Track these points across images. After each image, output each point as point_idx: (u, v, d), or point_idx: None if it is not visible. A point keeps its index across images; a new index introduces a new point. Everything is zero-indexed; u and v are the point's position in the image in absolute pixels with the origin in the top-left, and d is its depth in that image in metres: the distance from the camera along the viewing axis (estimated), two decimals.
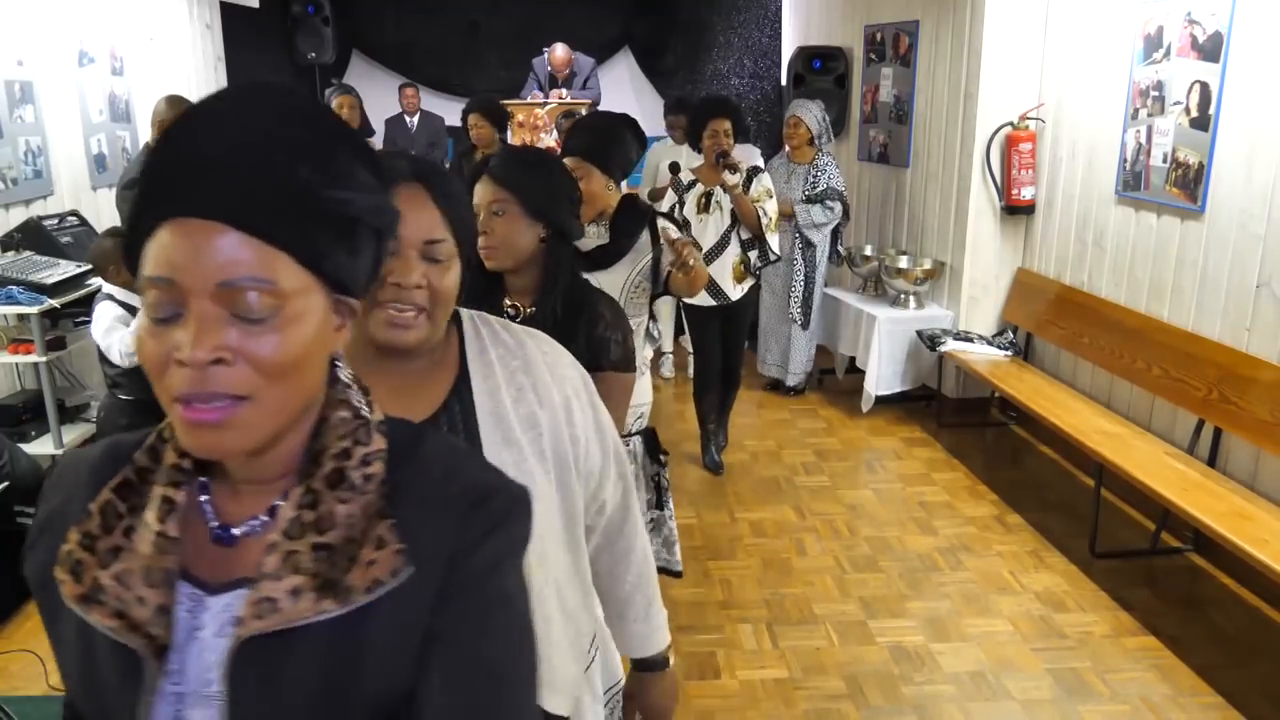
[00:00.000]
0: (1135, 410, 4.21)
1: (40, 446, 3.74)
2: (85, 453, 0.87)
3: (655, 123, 8.28)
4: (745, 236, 4.42)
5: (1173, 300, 3.99)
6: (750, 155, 8.07)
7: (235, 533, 0.80)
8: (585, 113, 5.29)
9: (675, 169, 5.53)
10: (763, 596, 3.49)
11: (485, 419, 1.23)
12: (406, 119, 7.82)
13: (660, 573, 2.23)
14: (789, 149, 5.36)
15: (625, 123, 2.66)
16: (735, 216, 4.38)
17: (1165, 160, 3.95)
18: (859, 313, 5.43)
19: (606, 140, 2.56)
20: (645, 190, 5.57)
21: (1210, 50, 3.68)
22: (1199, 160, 3.76)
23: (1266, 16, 3.43)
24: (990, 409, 5.28)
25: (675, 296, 2.79)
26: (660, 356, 6.10)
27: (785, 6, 7.67)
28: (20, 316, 3.69)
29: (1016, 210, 4.97)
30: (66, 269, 3.80)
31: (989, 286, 5.16)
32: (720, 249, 4.40)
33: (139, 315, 0.80)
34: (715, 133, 4.31)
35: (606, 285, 2.43)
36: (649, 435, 2.57)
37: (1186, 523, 3.37)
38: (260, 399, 0.73)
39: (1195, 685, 2.96)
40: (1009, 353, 4.93)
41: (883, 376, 5.22)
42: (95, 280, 3.44)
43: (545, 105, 7.09)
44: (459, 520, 0.81)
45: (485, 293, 1.85)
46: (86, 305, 3.59)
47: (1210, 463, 3.66)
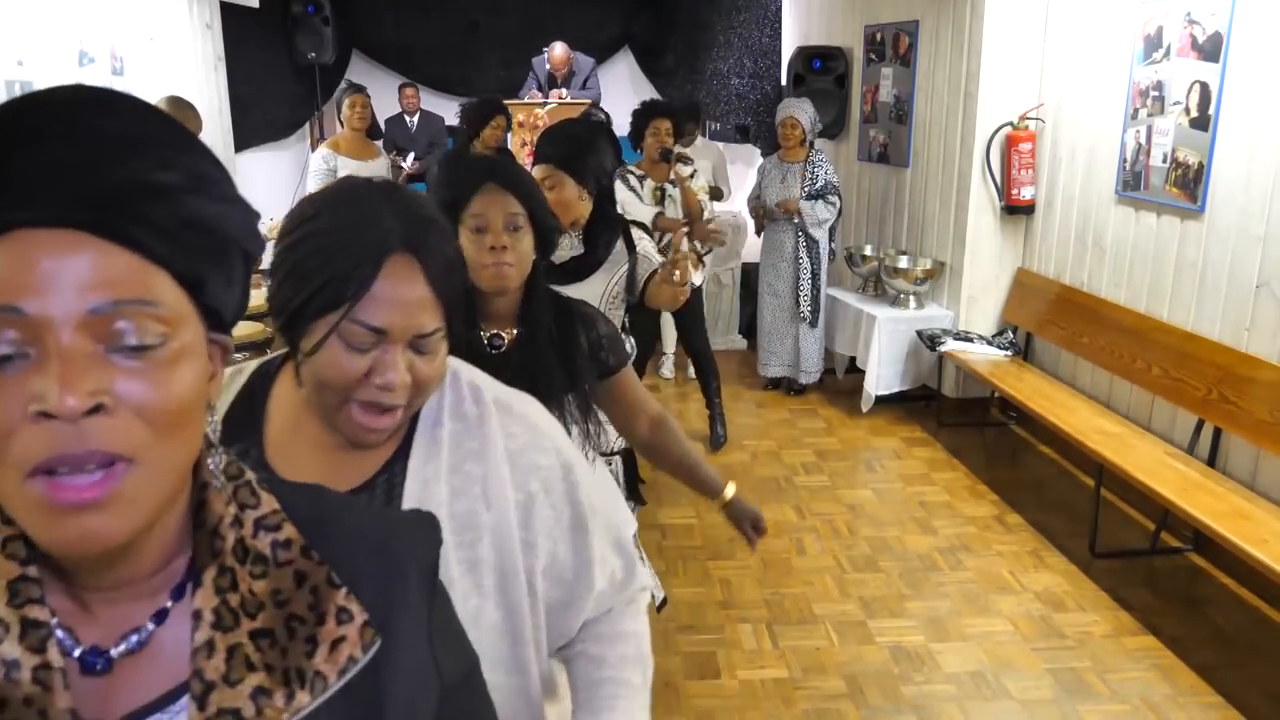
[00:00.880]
0: (1135, 410, 4.21)
1: None
2: None
3: None
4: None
5: (1172, 300, 3.99)
6: (749, 156, 8.08)
7: (113, 655, 0.62)
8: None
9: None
10: (762, 596, 3.49)
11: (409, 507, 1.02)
12: (406, 119, 7.82)
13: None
14: (783, 149, 5.37)
15: (600, 130, 2.55)
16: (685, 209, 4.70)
17: (1165, 160, 3.95)
18: (859, 312, 5.43)
19: (582, 148, 2.44)
20: None
21: (1210, 50, 3.68)
22: (1199, 160, 3.76)
23: (1266, 16, 3.43)
24: (990, 409, 5.28)
25: (654, 308, 2.66)
26: (661, 357, 6.10)
27: (785, 6, 7.67)
28: None
29: (1016, 210, 4.97)
30: None
31: (989, 286, 5.16)
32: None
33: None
34: (657, 130, 4.66)
35: (583, 296, 2.38)
36: (628, 457, 2.46)
37: (1186, 523, 3.37)
38: (145, 461, 0.57)
39: (1195, 685, 2.96)
40: (1009, 353, 4.93)
41: (883, 376, 5.22)
42: None
43: (545, 105, 7.09)
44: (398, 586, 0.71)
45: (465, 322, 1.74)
46: None
47: (1210, 463, 3.66)
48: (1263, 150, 3.46)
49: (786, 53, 7.35)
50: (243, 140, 7.13)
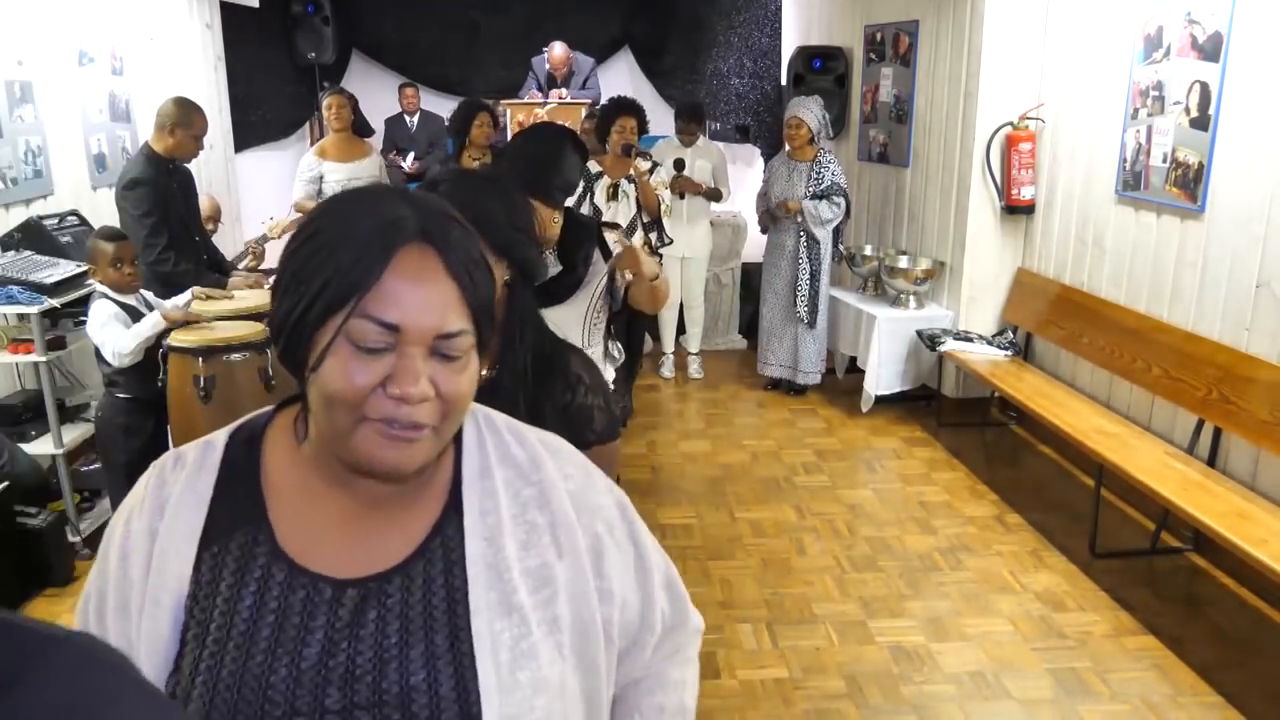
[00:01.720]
0: (1135, 410, 4.21)
1: (40, 446, 3.74)
2: None
3: (655, 122, 8.26)
4: (646, 220, 4.92)
5: (1172, 300, 3.99)
6: (749, 156, 8.09)
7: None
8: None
9: (679, 165, 5.54)
10: (763, 596, 3.49)
11: (478, 573, 0.88)
12: (406, 119, 7.82)
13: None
14: (790, 148, 5.36)
15: (563, 137, 2.37)
16: (639, 204, 4.87)
17: (1165, 160, 3.95)
18: (859, 312, 5.43)
19: (546, 167, 2.26)
20: None
21: (1210, 50, 3.68)
22: (1199, 160, 3.76)
23: (1266, 16, 3.43)
24: (990, 409, 5.28)
25: (637, 311, 2.60)
26: (661, 357, 6.11)
27: (785, 6, 7.67)
28: (20, 316, 3.68)
29: (1016, 210, 4.97)
30: (66, 269, 3.79)
31: (989, 286, 5.16)
32: (629, 233, 4.81)
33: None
34: (623, 129, 4.84)
35: (568, 319, 2.28)
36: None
37: (1186, 523, 3.37)
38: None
39: (1195, 685, 2.96)
40: (1009, 353, 4.93)
41: (883, 376, 5.22)
42: (93, 280, 3.44)
43: (545, 105, 7.09)
44: None
45: None
46: (86, 305, 3.59)
47: (1210, 463, 3.66)
48: (1263, 150, 3.46)
49: (786, 53, 7.35)
50: (243, 140, 7.13)
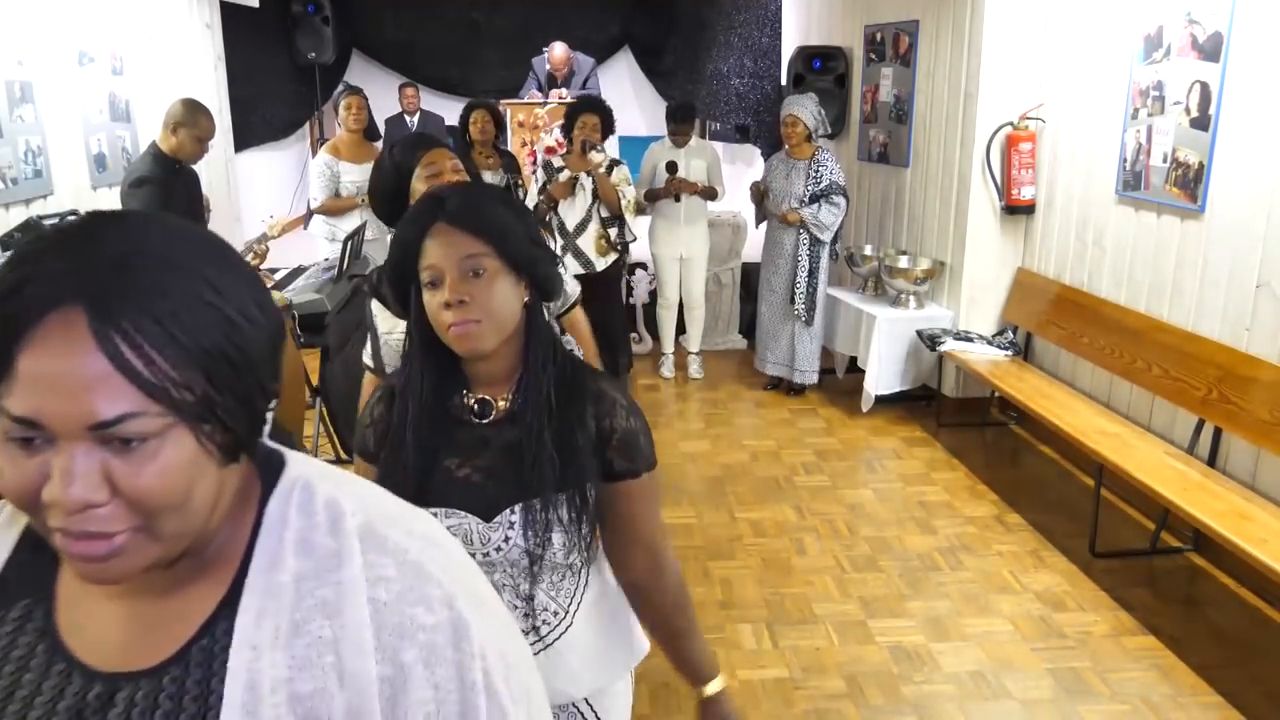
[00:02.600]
0: (1135, 410, 4.21)
1: None
2: None
3: (655, 122, 8.30)
4: (605, 215, 5.06)
5: (1173, 300, 3.99)
6: (749, 156, 8.09)
7: None
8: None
9: (672, 168, 5.54)
10: (763, 596, 3.49)
11: (235, 694, 0.71)
12: (406, 119, 7.83)
13: None
14: (788, 147, 5.36)
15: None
16: (596, 196, 5.01)
17: (1165, 160, 3.95)
18: (859, 312, 5.43)
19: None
20: (642, 190, 5.58)
21: (1210, 50, 3.68)
22: (1199, 160, 3.76)
23: (1266, 16, 3.43)
24: (990, 409, 5.29)
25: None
26: (661, 357, 6.11)
27: (785, 6, 7.67)
28: None
29: (1016, 210, 4.97)
30: None
31: (989, 286, 5.16)
32: (584, 225, 5.07)
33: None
34: (584, 125, 4.97)
35: None
36: None
37: (1186, 523, 3.37)
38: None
39: (1195, 685, 2.96)
40: (1009, 352, 4.94)
41: (883, 376, 5.22)
42: None
43: (545, 105, 7.09)
44: None
45: (436, 388, 1.39)
46: None
47: (1210, 462, 3.66)
48: (1263, 150, 3.46)
49: (786, 53, 7.35)
50: (243, 140, 7.14)
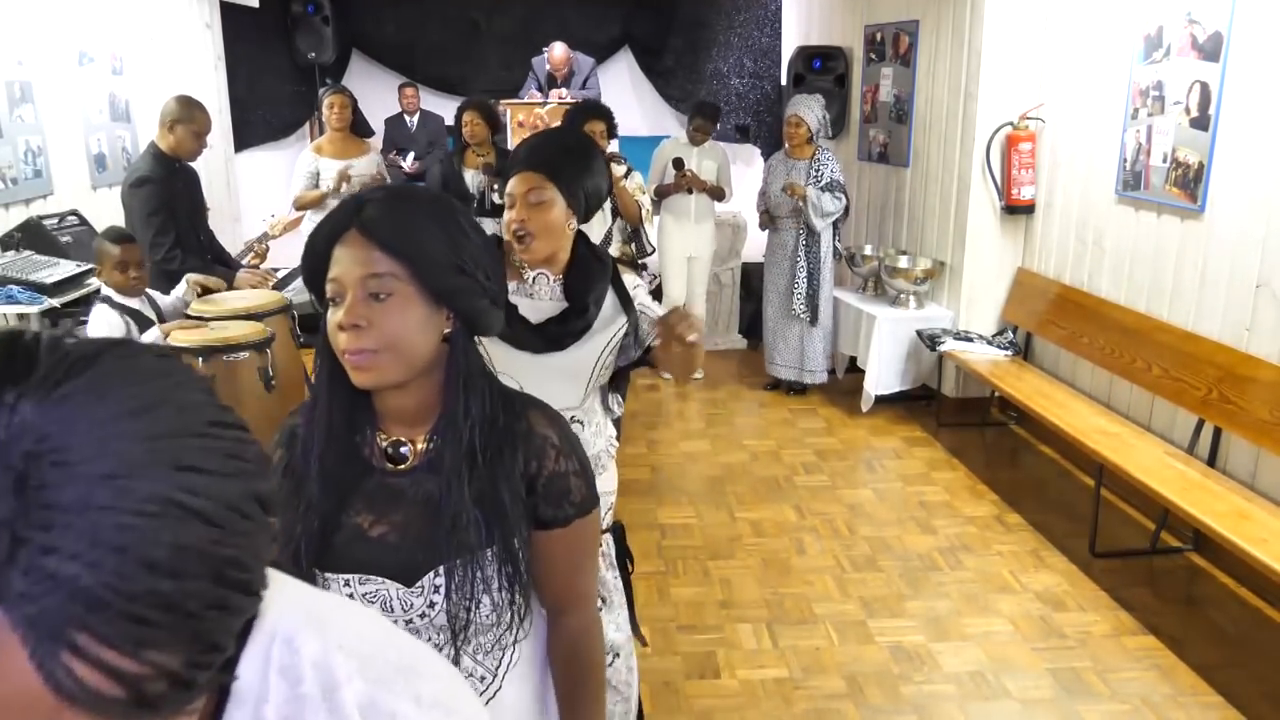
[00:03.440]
0: (1135, 410, 4.21)
1: None
2: None
3: (655, 122, 8.29)
4: (625, 229, 4.63)
5: (1172, 300, 3.99)
6: (749, 156, 8.09)
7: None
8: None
9: (679, 164, 5.52)
10: (763, 596, 3.49)
11: None
12: (406, 119, 7.83)
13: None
14: (788, 146, 5.36)
15: (596, 149, 2.12)
16: (616, 212, 4.55)
17: (1165, 160, 3.95)
18: (859, 312, 5.43)
19: (579, 164, 1.96)
20: (652, 187, 5.57)
21: (1210, 50, 3.68)
22: (1199, 160, 3.76)
23: (1266, 16, 3.43)
24: (990, 409, 5.29)
25: (658, 372, 2.36)
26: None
27: (785, 6, 7.67)
28: (20, 316, 3.69)
29: (1016, 210, 4.97)
30: (66, 269, 3.80)
31: (989, 286, 5.16)
32: (605, 244, 4.46)
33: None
34: (592, 133, 4.37)
35: (566, 370, 1.97)
36: (618, 534, 2.09)
37: (1186, 522, 3.37)
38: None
39: (1195, 685, 2.96)
40: (1009, 352, 4.94)
41: (883, 376, 5.22)
42: (95, 280, 3.44)
43: (545, 105, 7.09)
44: None
45: (347, 424, 1.22)
46: (87, 305, 3.59)
47: (1210, 462, 3.66)
48: (1263, 150, 3.46)
49: (786, 53, 7.35)
50: (243, 140, 7.14)
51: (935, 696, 2.92)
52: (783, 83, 7.31)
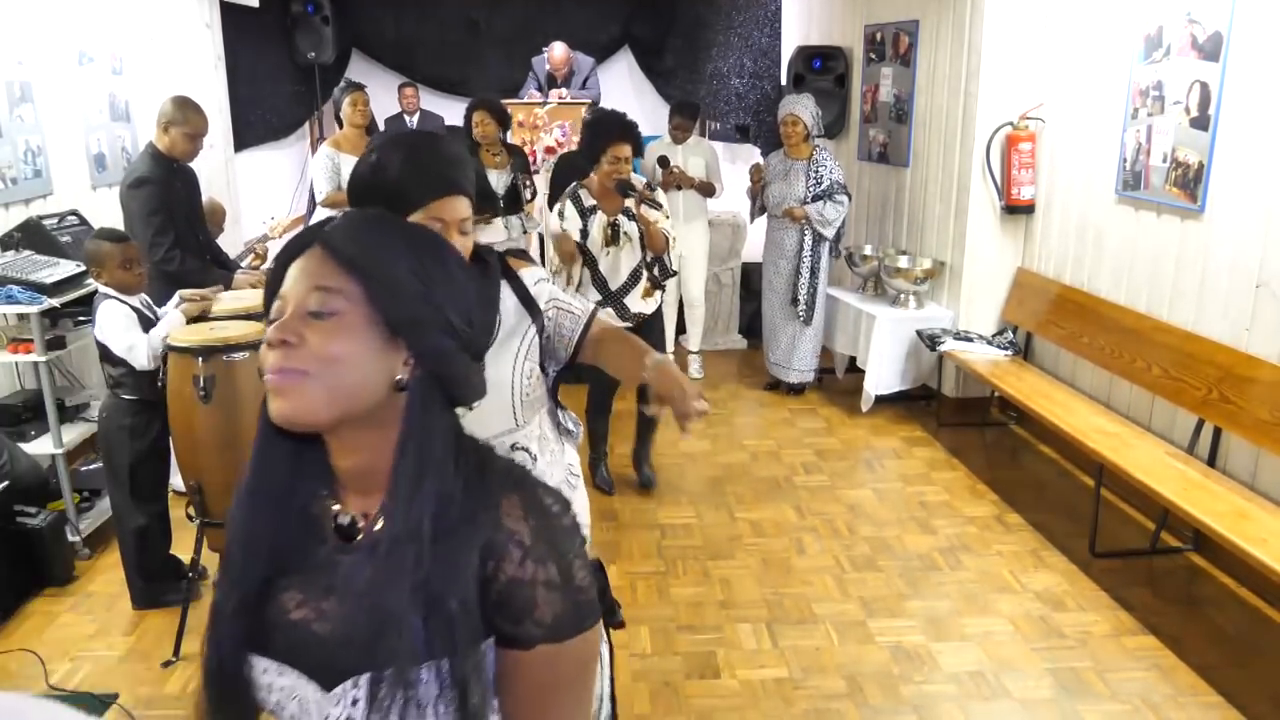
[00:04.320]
0: (1135, 410, 4.21)
1: (40, 446, 3.74)
2: None
3: (655, 123, 8.29)
4: (649, 259, 4.06)
5: (1173, 300, 3.99)
6: (749, 156, 8.08)
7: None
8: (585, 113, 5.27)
9: (664, 162, 5.51)
10: (762, 596, 3.49)
11: None
12: (406, 119, 7.82)
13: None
14: (787, 146, 5.36)
15: (455, 137, 1.89)
16: (644, 246, 4.01)
17: (1165, 160, 3.95)
18: (859, 312, 5.43)
19: (452, 160, 1.72)
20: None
21: (1210, 50, 3.68)
22: (1199, 160, 3.76)
23: (1266, 16, 3.43)
24: (990, 409, 5.29)
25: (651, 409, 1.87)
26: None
27: (785, 6, 7.67)
28: (20, 316, 3.68)
29: (1016, 210, 4.97)
30: (66, 268, 3.79)
31: (989, 286, 5.16)
32: (634, 282, 4.04)
33: None
34: (616, 159, 3.86)
35: (490, 390, 1.67)
36: (596, 571, 2.00)
37: (1186, 522, 3.37)
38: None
39: (1195, 685, 2.96)
40: (1009, 352, 4.94)
41: (882, 376, 5.22)
42: (93, 281, 3.44)
43: (545, 105, 7.09)
44: None
45: (290, 478, 1.01)
46: (86, 305, 3.59)
47: (1210, 462, 3.66)
48: (1263, 150, 3.46)
49: (786, 53, 7.35)
50: (243, 140, 7.13)
51: (935, 696, 2.92)
52: (783, 83, 7.30)
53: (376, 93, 8.16)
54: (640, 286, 4.08)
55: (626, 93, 8.73)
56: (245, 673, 1.00)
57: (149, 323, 3.28)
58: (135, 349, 3.18)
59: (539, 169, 6.53)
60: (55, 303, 3.64)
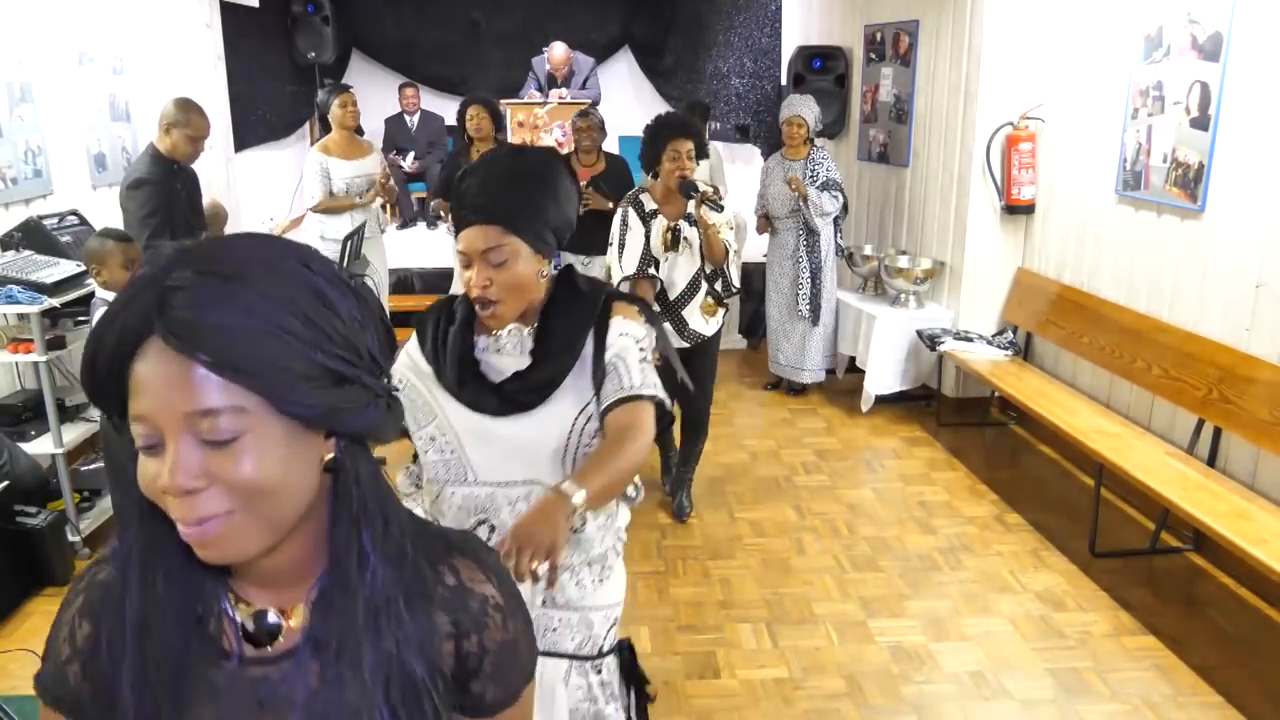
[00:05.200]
0: (1135, 410, 4.21)
1: (40, 446, 3.74)
2: None
3: None
4: (709, 270, 3.85)
5: (1173, 300, 3.99)
6: (749, 156, 8.09)
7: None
8: (587, 112, 5.23)
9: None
10: (762, 596, 3.49)
11: None
12: (406, 119, 7.84)
13: None
14: (786, 147, 5.36)
15: (559, 165, 1.64)
16: (703, 253, 3.80)
17: (1165, 160, 3.95)
18: (859, 312, 5.43)
19: (535, 194, 1.57)
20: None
21: (1210, 50, 3.68)
22: (1199, 160, 3.76)
23: (1266, 16, 3.43)
24: (990, 409, 5.29)
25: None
26: None
27: (785, 6, 7.67)
28: (20, 316, 3.69)
29: (1016, 210, 4.97)
30: (66, 268, 3.79)
31: (989, 286, 5.16)
32: (693, 291, 3.84)
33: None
34: (678, 155, 3.69)
35: (540, 442, 1.62)
36: (625, 656, 1.80)
37: (1186, 522, 3.37)
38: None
39: (1195, 685, 2.96)
40: (1009, 352, 4.93)
41: (883, 376, 5.22)
42: (93, 281, 3.44)
43: (545, 105, 7.09)
44: None
45: (180, 588, 0.82)
46: (86, 304, 3.59)
47: (1210, 462, 3.66)
48: (1263, 150, 3.46)
49: (786, 53, 7.35)
50: (242, 140, 7.13)
51: (935, 696, 2.92)
52: (783, 83, 7.31)
53: (377, 93, 8.19)
54: (699, 300, 3.85)
55: (626, 93, 8.73)
56: None
57: None
58: None
59: None
60: (55, 303, 3.64)
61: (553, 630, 1.72)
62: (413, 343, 1.70)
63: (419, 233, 7.87)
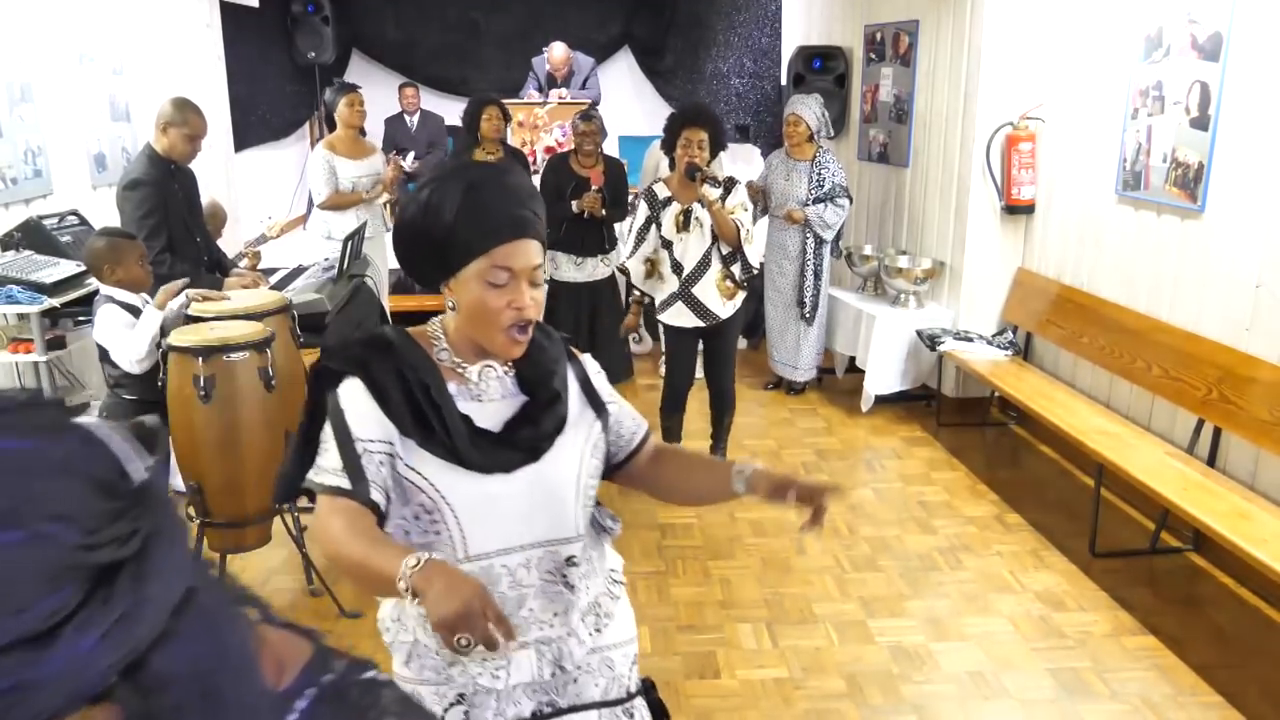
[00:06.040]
0: (1135, 410, 4.21)
1: None
2: None
3: (655, 122, 8.28)
4: (725, 252, 4.08)
5: (1172, 300, 3.99)
6: (749, 156, 8.09)
7: None
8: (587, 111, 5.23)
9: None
10: (762, 596, 3.49)
11: None
12: (406, 119, 7.83)
13: None
14: (788, 146, 5.36)
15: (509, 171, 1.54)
16: (715, 233, 4.04)
17: (1165, 160, 3.95)
18: (859, 312, 5.43)
19: (542, 208, 1.50)
20: (643, 188, 5.56)
21: (1210, 50, 3.68)
22: (1199, 160, 3.76)
23: (1266, 16, 3.43)
24: (990, 409, 5.29)
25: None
26: (661, 357, 6.08)
27: (785, 6, 7.67)
28: (20, 316, 3.69)
29: (1016, 210, 4.97)
30: (66, 268, 3.80)
31: (989, 286, 5.16)
32: (703, 269, 4.08)
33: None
34: (689, 142, 3.95)
35: (549, 491, 1.49)
36: (653, 694, 1.72)
37: (1186, 522, 3.37)
38: None
39: (1195, 685, 2.96)
40: (1009, 352, 4.93)
41: (883, 376, 5.22)
42: (94, 280, 3.44)
43: (545, 105, 7.09)
44: None
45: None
46: (86, 304, 3.59)
47: (1210, 462, 3.66)
48: (1263, 150, 3.46)
49: (786, 53, 7.35)
50: (243, 140, 7.14)
51: (935, 696, 2.92)
52: (783, 83, 7.31)
53: (376, 93, 8.18)
54: (712, 275, 4.08)
55: (626, 93, 8.74)
56: None
57: None
58: (122, 356, 3.18)
59: (538, 170, 6.52)
60: (55, 303, 3.64)
61: (574, 683, 1.57)
62: (363, 407, 1.41)
63: None
